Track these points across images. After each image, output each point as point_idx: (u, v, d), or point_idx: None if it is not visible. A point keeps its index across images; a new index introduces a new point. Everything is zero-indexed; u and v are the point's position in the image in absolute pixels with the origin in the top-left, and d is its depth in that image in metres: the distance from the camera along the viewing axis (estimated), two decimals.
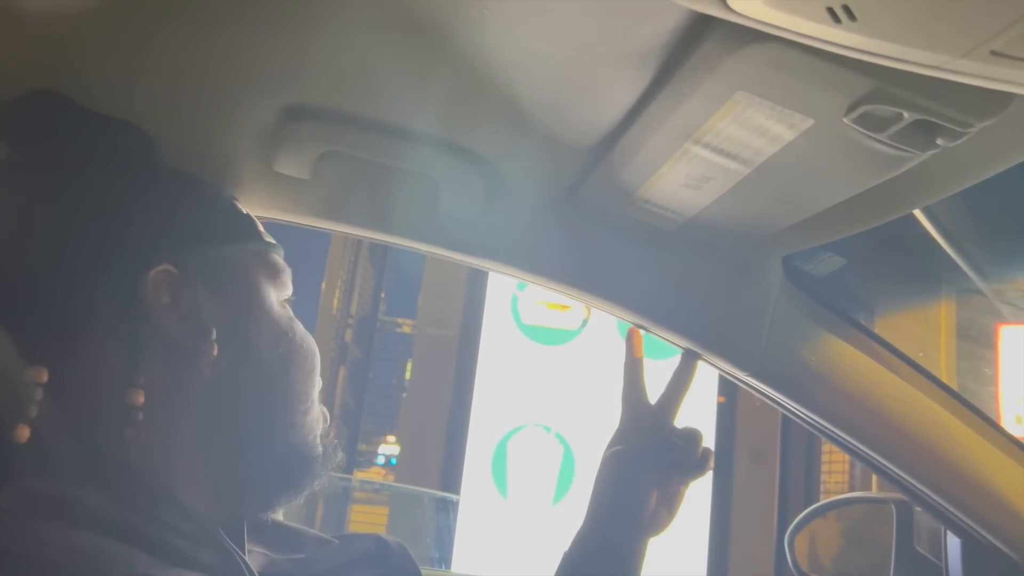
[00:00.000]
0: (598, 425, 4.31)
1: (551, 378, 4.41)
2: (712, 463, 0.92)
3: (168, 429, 0.61)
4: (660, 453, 0.90)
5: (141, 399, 0.59)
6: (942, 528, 1.13)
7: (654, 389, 0.97)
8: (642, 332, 0.97)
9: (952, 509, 1.01)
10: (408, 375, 6.09)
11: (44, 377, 0.56)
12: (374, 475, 6.53)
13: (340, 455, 0.71)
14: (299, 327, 0.70)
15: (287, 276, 0.72)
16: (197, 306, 0.62)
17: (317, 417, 0.69)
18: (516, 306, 4.50)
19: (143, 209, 0.64)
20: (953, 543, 1.12)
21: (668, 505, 0.91)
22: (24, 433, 0.53)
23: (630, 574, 0.89)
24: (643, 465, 0.90)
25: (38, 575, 0.46)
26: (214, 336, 0.62)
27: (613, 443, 0.94)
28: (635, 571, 0.89)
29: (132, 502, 0.54)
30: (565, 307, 4.47)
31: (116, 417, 0.58)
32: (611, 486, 0.91)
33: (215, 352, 0.62)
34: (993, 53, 0.43)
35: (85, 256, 0.60)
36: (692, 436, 0.91)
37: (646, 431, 0.93)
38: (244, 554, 0.62)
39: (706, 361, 0.99)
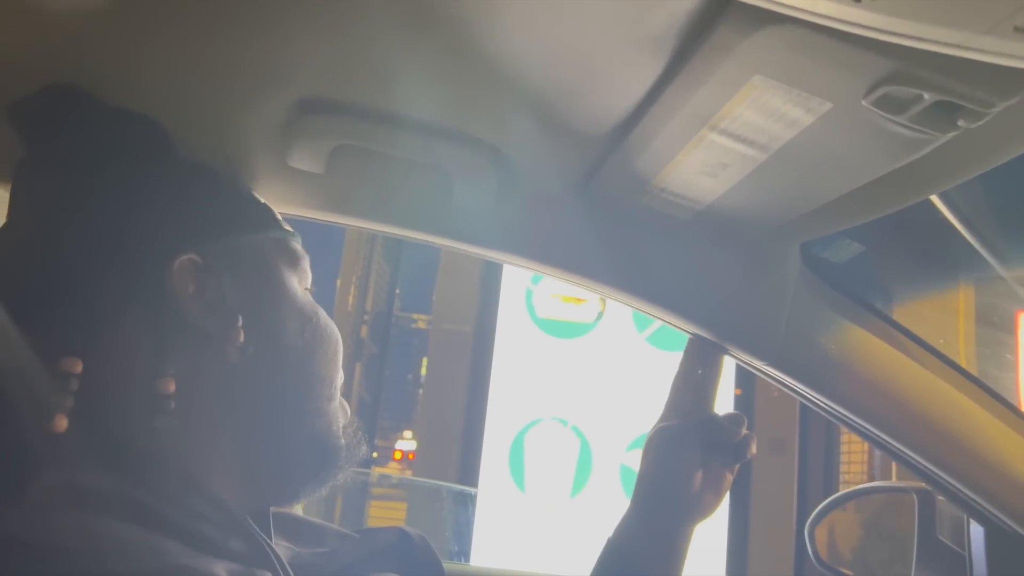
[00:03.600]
0: (615, 418, 4.32)
1: (567, 371, 4.41)
2: (754, 448, 0.92)
3: (198, 417, 0.61)
4: (704, 431, 0.91)
5: (172, 388, 0.59)
6: (965, 517, 1.12)
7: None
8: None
9: (975, 497, 1.00)
10: (424, 370, 6.11)
11: (79, 367, 0.56)
12: (392, 469, 6.55)
13: (364, 447, 0.71)
14: (322, 313, 0.70)
15: (307, 264, 0.72)
16: (222, 294, 0.63)
17: (338, 407, 0.70)
18: (531, 300, 4.50)
19: (165, 201, 0.65)
20: (976, 532, 1.11)
21: (714, 486, 0.91)
22: (62, 423, 0.53)
23: (675, 557, 0.89)
24: (687, 441, 0.90)
25: (71, 566, 0.46)
26: (240, 323, 0.63)
27: (659, 422, 0.95)
28: (680, 555, 0.89)
29: (163, 491, 0.54)
30: (580, 300, 4.46)
31: (147, 406, 0.58)
32: (656, 463, 0.91)
33: (242, 339, 0.63)
34: (1017, 29, 0.42)
35: (111, 248, 0.61)
36: (735, 418, 0.93)
37: (690, 412, 0.94)
38: (272, 543, 0.62)
39: (724, 351, 0.98)
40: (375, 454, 6.60)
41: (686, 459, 0.89)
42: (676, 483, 0.89)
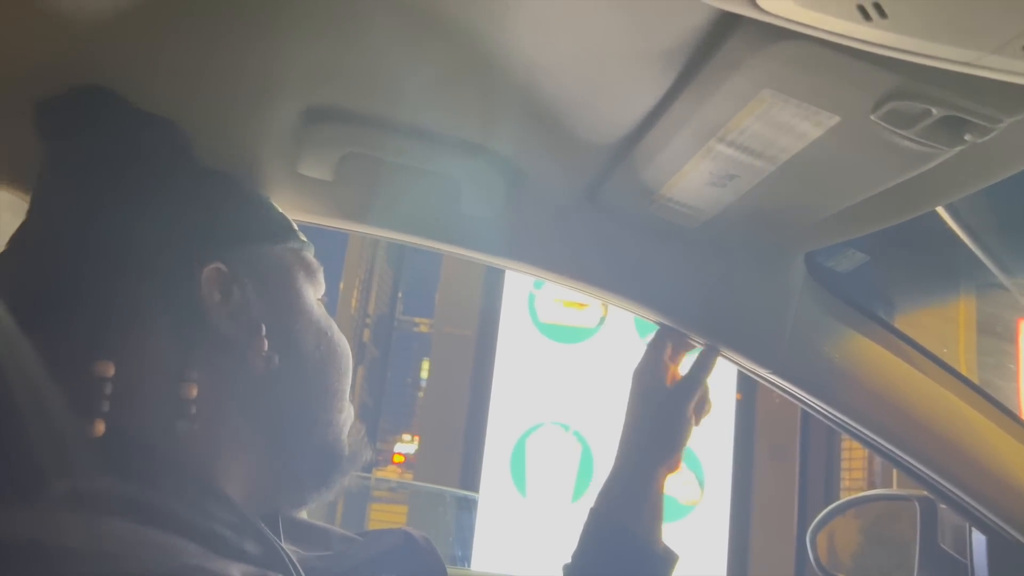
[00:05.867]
0: (617, 423, 4.30)
1: (569, 376, 4.41)
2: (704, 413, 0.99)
3: (218, 423, 0.62)
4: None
5: (195, 393, 0.60)
6: (967, 525, 1.13)
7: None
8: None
9: (977, 506, 1.00)
10: (425, 374, 6.10)
11: (112, 371, 0.57)
12: (392, 472, 6.54)
13: (369, 453, 0.72)
14: (335, 326, 0.71)
15: (321, 275, 0.73)
16: (247, 304, 0.64)
17: (347, 416, 0.71)
18: (533, 304, 4.50)
19: (194, 207, 0.66)
20: (978, 540, 1.11)
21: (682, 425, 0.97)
22: (100, 427, 0.54)
23: (649, 501, 0.97)
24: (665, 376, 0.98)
25: (93, 567, 0.46)
26: (264, 332, 0.63)
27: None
28: (651, 500, 0.97)
29: (183, 494, 0.55)
30: (582, 305, 4.46)
31: (171, 411, 0.59)
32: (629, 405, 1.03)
33: (266, 348, 0.63)
34: None
35: (142, 253, 0.62)
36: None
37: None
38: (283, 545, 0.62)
39: (729, 359, 0.98)
40: (379, 456, 6.59)
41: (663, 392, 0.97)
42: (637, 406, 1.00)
